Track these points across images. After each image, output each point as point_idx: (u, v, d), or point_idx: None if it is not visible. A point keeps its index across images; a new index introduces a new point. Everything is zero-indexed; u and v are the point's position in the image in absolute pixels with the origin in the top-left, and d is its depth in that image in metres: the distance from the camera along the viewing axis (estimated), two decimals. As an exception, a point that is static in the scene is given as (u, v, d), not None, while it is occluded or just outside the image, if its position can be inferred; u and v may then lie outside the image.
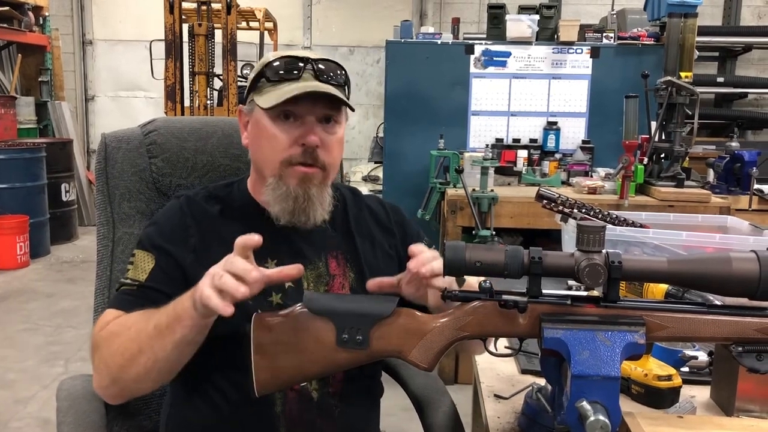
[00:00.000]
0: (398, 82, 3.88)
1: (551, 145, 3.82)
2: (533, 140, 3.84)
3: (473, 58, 3.85)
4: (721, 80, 5.94)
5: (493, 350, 0.99)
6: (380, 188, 4.26)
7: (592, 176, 3.46)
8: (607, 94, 3.81)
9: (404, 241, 1.29)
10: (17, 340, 3.76)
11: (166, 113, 4.91)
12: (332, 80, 1.15)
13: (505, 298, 0.90)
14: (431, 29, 4.11)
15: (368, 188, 5.15)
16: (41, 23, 6.53)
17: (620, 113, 3.41)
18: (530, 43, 3.81)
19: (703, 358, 1.28)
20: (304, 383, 1.11)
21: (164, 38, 4.85)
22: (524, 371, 1.31)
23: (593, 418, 0.80)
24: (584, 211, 1.58)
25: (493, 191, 3.13)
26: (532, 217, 3.10)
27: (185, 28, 4.87)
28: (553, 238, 2.71)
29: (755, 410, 1.13)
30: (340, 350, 0.93)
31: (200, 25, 4.82)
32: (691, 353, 1.28)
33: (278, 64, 1.15)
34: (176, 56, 4.82)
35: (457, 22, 4.30)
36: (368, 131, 6.75)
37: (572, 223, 1.57)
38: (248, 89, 1.20)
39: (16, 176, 5.29)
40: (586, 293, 0.92)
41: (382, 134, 4.19)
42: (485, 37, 3.94)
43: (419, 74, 3.85)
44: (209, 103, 4.91)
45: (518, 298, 0.90)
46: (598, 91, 3.85)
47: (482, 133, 3.90)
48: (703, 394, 1.21)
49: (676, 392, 1.15)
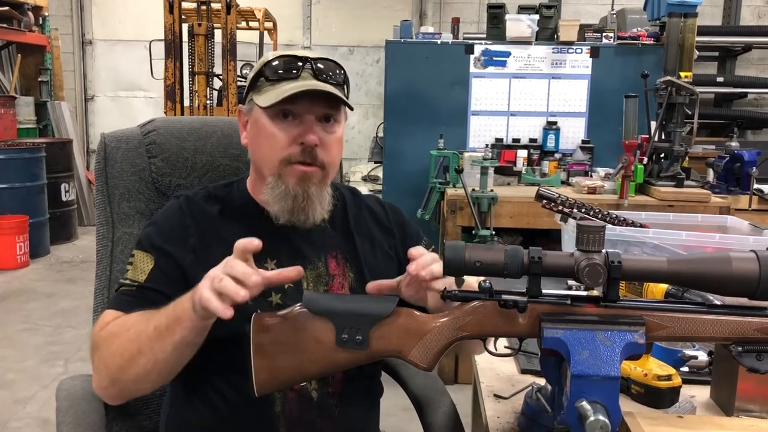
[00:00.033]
0: (398, 81, 3.88)
1: (551, 144, 3.82)
2: (533, 140, 3.85)
3: (473, 57, 3.84)
4: (720, 80, 5.94)
5: (492, 350, 0.99)
6: (380, 188, 4.26)
7: (591, 176, 3.46)
8: (606, 93, 3.80)
9: (404, 241, 1.29)
10: (17, 340, 3.76)
11: (165, 113, 4.90)
12: (331, 79, 1.15)
13: (504, 297, 0.90)
14: (431, 29, 4.11)
15: (368, 188, 5.15)
16: (41, 23, 6.53)
17: (620, 113, 3.41)
18: (530, 42, 3.81)
19: (702, 357, 1.28)
20: (303, 383, 1.11)
21: (164, 38, 4.85)
22: (524, 371, 1.31)
23: (593, 417, 0.80)
24: (584, 210, 1.58)
25: (492, 191, 3.13)
26: (531, 216, 3.10)
27: (185, 27, 4.87)
28: (552, 238, 2.71)
29: (755, 410, 1.13)
30: (339, 350, 0.93)
31: (200, 24, 4.82)
32: (690, 353, 1.27)
33: (277, 63, 1.15)
34: (176, 56, 4.82)
35: (456, 21, 4.30)
36: (368, 131, 6.75)
37: (572, 222, 1.57)
38: (247, 89, 1.20)
39: (15, 176, 5.29)
40: (585, 293, 0.92)
41: (381, 134, 4.19)
42: (485, 36, 3.93)
43: (419, 74, 3.85)
44: (209, 103, 4.91)
45: (518, 297, 0.90)
46: (597, 90, 3.84)
47: (482, 132, 3.90)
48: (702, 393, 1.21)
49: (675, 392, 1.15)
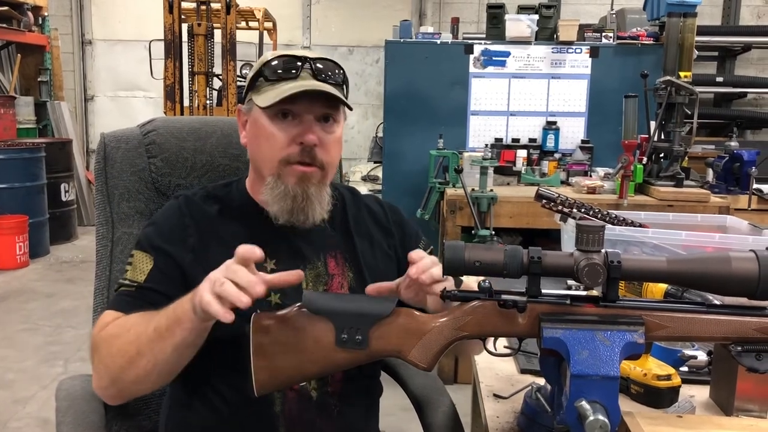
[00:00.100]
0: (397, 81, 3.88)
1: (550, 144, 3.82)
2: (532, 140, 3.85)
3: (472, 57, 3.85)
4: (720, 80, 5.95)
5: (492, 350, 0.99)
6: (379, 188, 4.26)
7: (591, 176, 3.46)
8: (606, 93, 3.81)
9: (403, 241, 1.29)
10: (17, 340, 3.76)
11: (165, 113, 4.91)
12: (330, 79, 1.15)
13: (504, 297, 0.90)
14: (430, 29, 4.12)
15: (367, 188, 5.15)
16: (40, 23, 6.52)
17: (619, 113, 3.41)
18: (529, 42, 3.81)
19: (702, 357, 1.28)
20: (303, 383, 1.11)
21: (163, 38, 4.85)
22: (523, 371, 1.31)
23: (592, 417, 0.80)
24: (583, 210, 1.58)
25: (492, 191, 3.13)
26: (531, 216, 3.10)
27: (184, 27, 4.88)
28: (552, 237, 2.70)
29: (754, 410, 1.13)
30: (339, 350, 0.92)
31: (199, 24, 4.82)
32: (690, 353, 1.27)
33: (276, 63, 1.15)
34: (175, 56, 4.82)
35: (456, 21, 4.30)
36: (367, 131, 6.75)
37: (571, 222, 1.57)
38: (246, 88, 1.20)
39: (15, 176, 5.28)
40: (585, 293, 0.92)
41: (381, 134, 4.19)
42: (484, 36, 3.94)
43: (418, 74, 3.85)
44: (208, 102, 4.91)
45: (517, 297, 0.90)
46: (597, 90, 3.85)
47: (481, 132, 3.90)
48: (702, 393, 1.21)
49: (675, 392, 1.15)
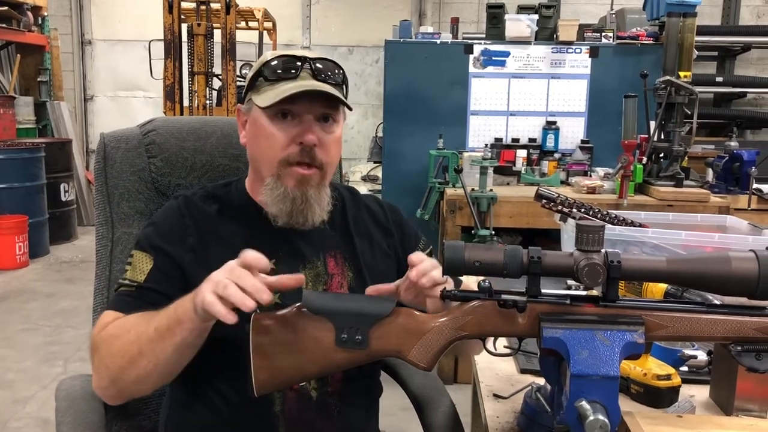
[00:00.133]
0: (397, 81, 3.88)
1: (550, 144, 3.82)
2: (532, 140, 3.85)
3: (472, 57, 3.85)
4: (720, 80, 5.95)
5: (492, 350, 0.99)
6: (379, 188, 4.26)
7: (591, 176, 3.46)
8: (606, 93, 3.81)
9: (402, 240, 1.29)
10: (16, 340, 3.76)
11: (165, 113, 4.90)
12: (330, 79, 1.15)
13: (504, 297, 0.90)
14: (430, 29, 4.11)
15: (367, 188, 5.15)
16: (40, 23, 6.52)
17: (619, 113, 3.41)
18: (529, 42, 3.81)
19: (702, 357, 1.28)
20: (303, 383, 1.11)
21: (163, 38, 4.85)
22: (523, 371, 1.31)
23: (592, 417, 0.80)
24: (583, 210, 1.58)
25: (492, 191, 3.13)
26: (531, 216, 3.10)
27: (184, 27, 4.88)
28: (552, 237, 2.70)
29: (754, 409, 1.13)
30: (339, 350, 0.92)
31: (199, 24, 4.82)
32: (690, 352, 1.27)
33: (276, 63, 1.15)
34: (175, 56, 4.82)
35: (456, 21, 4.30)
36: (367, 131, 6.75)
37: (571, 222, 1.57)
38: (246, 88, 1.20)
39: (15, 176, 5.28)
40: (585, 293, 0.92)
41: (381, 134, 4.19)
42: (484, 36, 3.94)
43: (418, 74, 3.85)
44: (208, 102, 4.91)
45: (517, 297, 0.90)
46: (597, 90, 3.85)
47: (481, 132, 3.90)
48: (702, 393, 1.21)
49: (675, 392, 1.15)
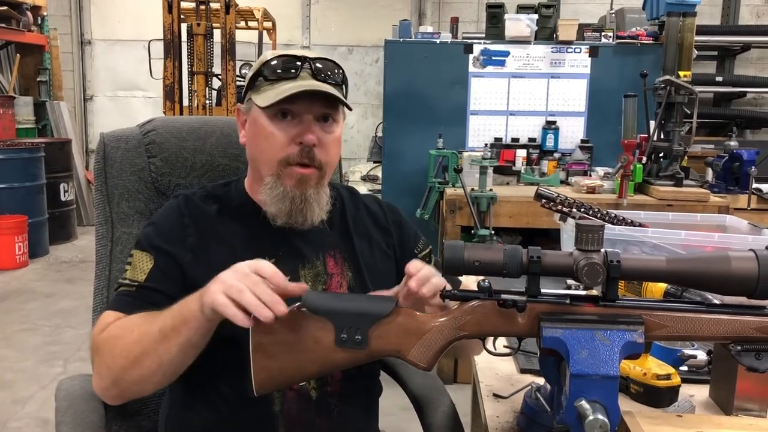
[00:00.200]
0: (397, 81, 3.88)
1: (550, 144, 3.82)
2: (532, 139, 3.85)
3: (472, 57, 3.85)
4: (719, 79, 5.94)
5: (492, 349, 0.99)
6: (379, 188, 4.26)
7: (590, 175, 3.46)
8: (605, 93, 3.81)
9: (401, 240, 1.29)
10: (16, 340, 3.76)
11: (164, 113, 4.90)
12: (330, 79, 1.15)
13: (503, 297, 0.90)
14: (430, 28, 4.11)
15: (367, 188, 5.15)
16: (40, 23, 6.52)
17: (619, 112, 3.41)
18: (529, 42, 3.81)
19: (701, 357, 1.28)
20: (302, 383, 1.11)
21: (163, 38, 4.85)
22: (523, 370, 1.31)
23: (592, 417, 0.80)
24: (583, 210, 1.58)
25: (491, 191, 3.13)
26: (531, 216, 3.10)
27: (184, 27, 4.88)
28: (552, 237, 2.71)
29: (754, 409, 1.13)
30: (338, 350, 0.92)
31: (199, 24, 4.82)
32: (690, 352, 1.27)
33: (276, 63, 1.15)
34: (175, 56, 4.82)
35: (455, 21, 4.29)
36: (367, 131, 6.75)
37: (571, 222, 1.57)
38: (246, 88, 1.20)
39: (14, 176, 5.28)
40: (584, 292, 0.92)
41: (380, 134, 4.19)
42: (484, 36, 3.94)
43: (418, 74, 3.85)
44: (208, 102, 4.91)
45: (517, 297, 0.90)
46: (596, 90, 3.85)
47: (481, 132, 3.90)
48: (702, 393, 1.21)
49: (675, 391, 1.15)
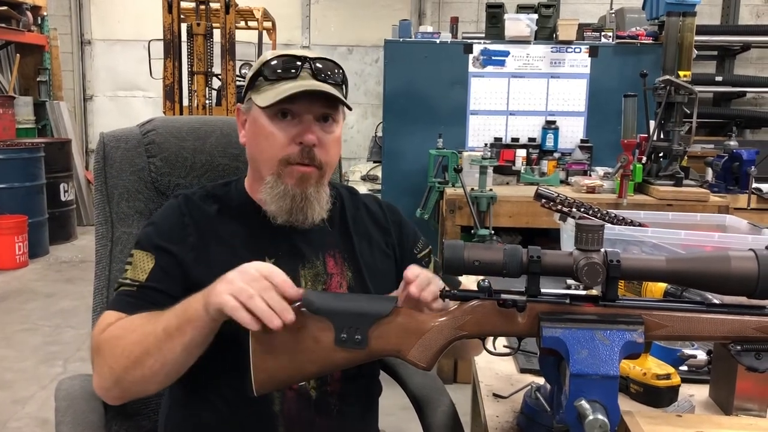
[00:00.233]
0: (397, 81, 3.88)
1: (550, 144, 3.82)
2: (532, 139, 3.85)
3: (472, 57, 3.85)
4: (719, 79, 5.94)
5: (491, 349, 0.99)
6: (379, 188, 4.26)
7: (590, 175, 3.46)
8: (605, 93, 3.81)
9: (401, 240, 1.29)
10: (16, 340, 3.75)
11: (164, 113, 4.90)
12: (330, 79, 1.15)
13: (503, 297, 0.90)
14: (430, 28, 4.11)
15: (367, 188, 5.14)
16: (39, 23, 6.52)
17: (619, 112, 3.41)
18: (529, 42, 3.81)
19: (701, 356, 1.28)
20: (302, 383, 1.11)
21: (163, 38, 4.85)
22: (523, 370, 1.31)
23: (592, 417, 0.80)
24: (583, 210, 1.58)
25: (491, 190, 3.13)
26: (530, 216, 3.10)
27: (184, 27, 4.88)
28: (551, 237, 2.71)
29: (754, 409, 1.13)
30: (338, 350, 0.92)
31: (199, 24, 4.81)
32: (689, 352, 1.27)
33: (276, 62, 1.15)
34: (175, 56, 4.82)
35: (455, 21, 4.29)
36: (367, 131, 6.75)
37: (571, 222, 1.57)
38: (246, 88, 1.20)
39: (14, 176, 5.28)
40: (584, 292, 0.92)
41: (380, 134, 4.19)
42: (484, 36, 3.94)
43: (418, 73, 3.85)
44: (208, 102, 4.91)
45: (517, 297, 0.90)
46: (596, 90, 3.85)
47: (481, 132, 3.90)
48: (701, 392, 1.21)
49: (674, 391, 1.15)
